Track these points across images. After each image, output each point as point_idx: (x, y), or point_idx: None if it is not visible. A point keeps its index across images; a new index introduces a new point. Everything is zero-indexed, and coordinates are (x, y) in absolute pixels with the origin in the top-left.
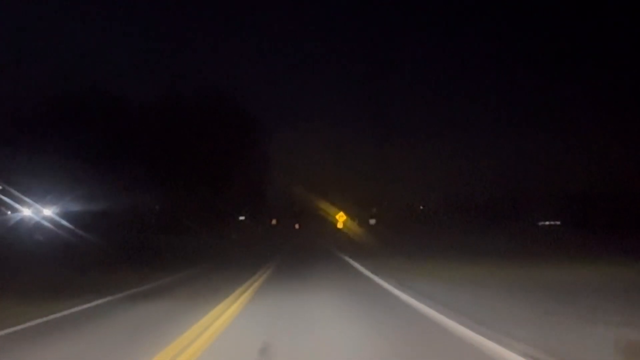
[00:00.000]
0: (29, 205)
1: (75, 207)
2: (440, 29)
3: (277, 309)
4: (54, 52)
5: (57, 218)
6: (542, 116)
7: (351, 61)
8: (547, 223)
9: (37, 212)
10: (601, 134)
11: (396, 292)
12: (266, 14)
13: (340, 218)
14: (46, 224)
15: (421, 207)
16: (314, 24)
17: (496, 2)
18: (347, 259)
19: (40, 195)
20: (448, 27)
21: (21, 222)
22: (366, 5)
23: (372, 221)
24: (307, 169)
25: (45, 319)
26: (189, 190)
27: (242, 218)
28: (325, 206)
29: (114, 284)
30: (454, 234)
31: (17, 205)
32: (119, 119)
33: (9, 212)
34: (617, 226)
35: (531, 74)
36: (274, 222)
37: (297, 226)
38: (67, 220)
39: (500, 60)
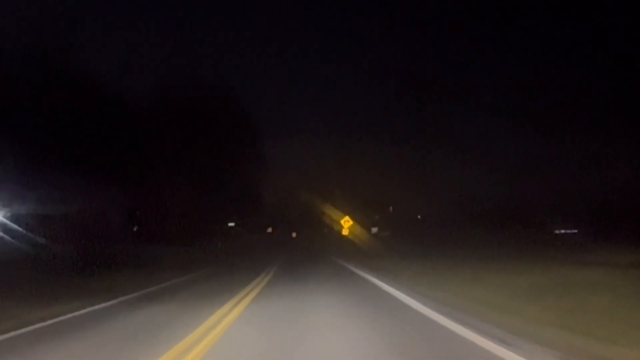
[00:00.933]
0: None
1: (32, 210)
2: (443, 30)
3: None
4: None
5: (9, 222)
6: (557, 122)
7: (355, 63)
8: (562, 231)
9: None
10: (620, 140)
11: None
12: (266, 10)
13: (346, 223)
14: None
15: (419, 217)
16: (317, 21)
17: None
18: (370, 278)
19: None
20: (450, 29)
21: None
22: (368, 6)
23: (375, 229)
24: (307, 171)
25: None
26: (171, 191)
27: (231, 224)
28: (328, 210)
29: None
30: (471, 242)
31: None
32: (95, 109)
33: None
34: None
35: (547, 78)
36: (269, 229)
37: (294, 234)
38: (21, 225)
39: (517, 62)
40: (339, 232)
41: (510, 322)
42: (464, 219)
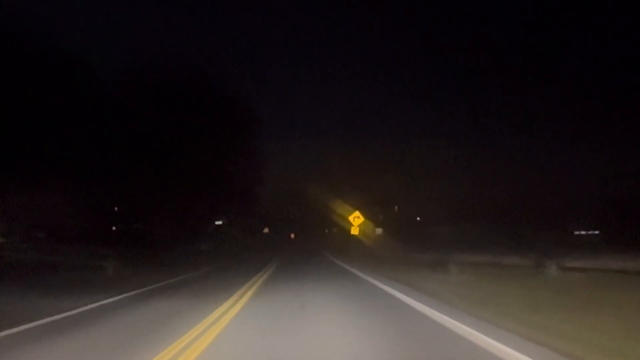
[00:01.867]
0: None
1: None
2: (446, 29)
3: None
4: None
5: None
6: (577, 118)
7: (359, 61)
8: (583, 232)
9: None
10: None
11: None
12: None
13: (356, 220)
14: None
15: (418, 219)
16: (318, 13)
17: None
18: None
19: None
20: (453, 28)
21: None
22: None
23: (379, 230)
24: (309, 170)
25: None
26: (156, 187)
27: (219, 223)
28: (333, 207)
29: None
30: (494, 243)
31: None
32: (72, 94)
33: None
34: None
35: (562, 75)
36: (266, 230)
37: (292, 235)
38: None
39: (532, 57)
40: (348, 232)
41: None
42: (472, 221)
